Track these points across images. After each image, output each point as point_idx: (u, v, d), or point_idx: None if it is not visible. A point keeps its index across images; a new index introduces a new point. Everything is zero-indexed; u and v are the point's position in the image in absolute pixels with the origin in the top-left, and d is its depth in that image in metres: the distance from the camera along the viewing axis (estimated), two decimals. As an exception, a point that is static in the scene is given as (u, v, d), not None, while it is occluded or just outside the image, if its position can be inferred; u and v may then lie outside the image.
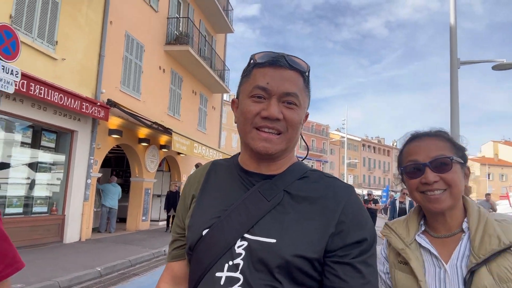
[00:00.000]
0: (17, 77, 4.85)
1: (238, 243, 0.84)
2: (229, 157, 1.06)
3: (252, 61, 0.93)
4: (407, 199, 8.44)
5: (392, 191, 30.61)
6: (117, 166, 14.33)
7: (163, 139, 13.27)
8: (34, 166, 8.17)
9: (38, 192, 8.25)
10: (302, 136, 1.03)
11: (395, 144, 79.09)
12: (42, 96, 6.96)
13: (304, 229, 0.83)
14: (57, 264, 6.53)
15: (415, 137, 1.15)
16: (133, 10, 11.35)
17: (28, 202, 8.04)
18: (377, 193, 41.12)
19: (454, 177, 1.05)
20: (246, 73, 0.94)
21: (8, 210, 7.51)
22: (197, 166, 17.14)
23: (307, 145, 1.06)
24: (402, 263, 1.11)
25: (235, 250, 0.84)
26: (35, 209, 8.13)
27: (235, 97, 0.98)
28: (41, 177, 8.31)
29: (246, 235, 0.84)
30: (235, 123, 0.96)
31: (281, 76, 0.88)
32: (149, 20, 12.39)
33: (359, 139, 65.84)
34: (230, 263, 0.83)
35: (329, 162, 59.52)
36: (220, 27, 18.90)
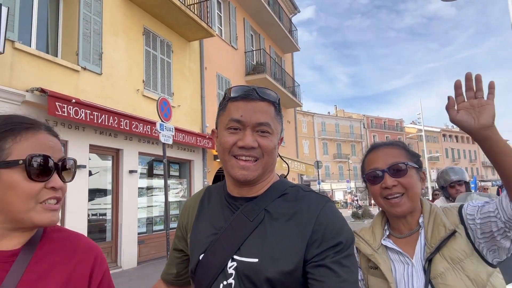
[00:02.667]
0: (172, 132, 6.91)
1: (229, 263, 0.92)
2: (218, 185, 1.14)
3: (226, 95, 1.01)
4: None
5: (481, 181, 29.12)
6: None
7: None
8: (169, 191, 10.49)
9: (173, 211, 10.52)
10: (281, 157, 1.12)
11: (479, 130, 73.40)
12: (176, 138, 9.17)
13: (282, 245, 0.89)
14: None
15: (374, 148, 1.27)
16: (219, 53, 13.50)
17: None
18: (465, 184, 38.94)
19: (410, 181, 1.16)
20: (222, 107, 1.02)
21: (155, 227, 9.83)
22: (280, 177, 18.83)
23: (287, 164, 1.27)
24: (373, 268, 1.17)
25: (227, 271, 0.91)
26: (172, 225, 10.39)
27: (215, 128, 1.07)
28: (172, 199, 10.58)
29: (235, 256, 0.92)
30: (216, 151, 1.45)
31: (253, 108, 0.95)
32: (232, 58, 14.50)
33: (438, 130, 62.63)
34: (225, 282, 0.91)
35: (407, 158, 57.53)
36: (287, 48, 20.61)
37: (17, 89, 6.21)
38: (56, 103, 6.31)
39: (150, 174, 9.91)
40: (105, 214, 8.35)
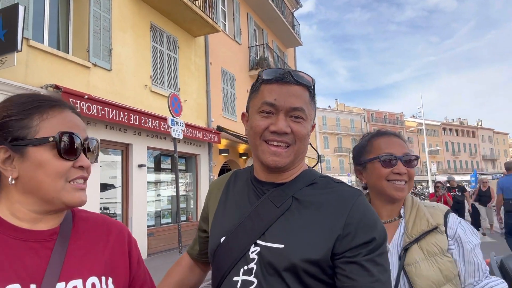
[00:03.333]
0: (183, 127, 7.07)
1: (252, 248, 0.91)
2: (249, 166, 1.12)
3: (259, 77, 0.97)
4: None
5: (482, 174, 29.15)
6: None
7: (241, 148, 15.35)
8: (158, 185, 10.67)
9: (180, 204, 10.70)
10: (312, 146, 1.08)
11: (480, 123, 73.59)
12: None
13: (310, 233, 0.87)
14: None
15: (384, 134, 1.34)
16: (224, 48, 13.60)
17: (174, 213, 10.54)
18: (465, 178, 39.11)
19: (413, 173, 1.27)
20: (255, 89, 0.99)
21: (163, 220, 10.03)
22: (319, 158, 19.00)
23: (318, 153, 1.22)
24: None
25: (249, 256, 0.90)
26: (181, 218, 10.58)
27: (245, 110, 1.03)
28: (182, 193, 10.76)
29: (259, 241, 0.90)
30: (246, 135, 1.02)
31: (288, 91, 0.92)
32: (236, 53, 14.60)
33: (439, 123, 62.79)
34: (245, 267, 0.90)
35: (408, 151, 57.75)
36: (289, 42, 20.68)
37: (32, 85, 6.35)
38: (70, 99, 6.45)
39: (157, 168, 10.09)
40: (115, 208, 8.53)
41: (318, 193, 0.95)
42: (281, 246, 0.87)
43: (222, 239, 0.96)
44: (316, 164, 1.31)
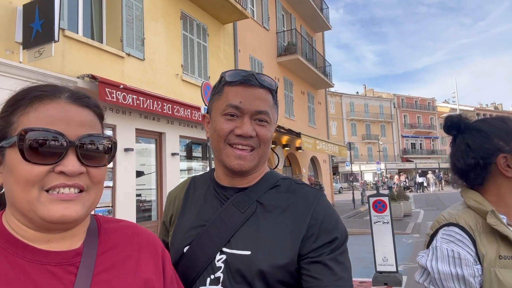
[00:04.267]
0: (216, 115, 7.11)
1: (218, 256, 0.87)
2: (208, 171, 1.09)
3: (222, 79, 0.95)
4: None
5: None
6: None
7: (284, 139, 15.25)
8: (190, 172, 10.76)
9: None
10: (273, 150, 1.06)
11: (517, 108, 70.19)
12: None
13: (276, 238, 0.86)
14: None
15: None
16: (252, 35, 13.45)
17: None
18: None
19: None
20: (217, 91, 0.96)
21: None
22: (311, 160, 18.90)
23: (277, 156, 1.23)
24: (508, 258, 0.96)
25: (215, 264, 0.87)
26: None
27: (206, 112, 1.02)
28: (211, 182, 10.88)
29: (224, 249, 0.87)
30: (207, 138, 1.00)
31: (253, 94, 0.91)
32: (264, 40, 14.42)
33: (472, 109, 60.35)
34: (212, 276, 0.86)
35: (439, 138, 56.02)
36: (318, 26, 20.22)
37: (69, 75, 6.48)
38: (106, 89, 6.55)
39: (189, 156, 10.18)
40: (150, 194, 8.70)
41: (282, 196, 0.94)
42: (248, 253, 0.85)
43: (185, 249, 0.92)
44: (276, 166, 1.22)
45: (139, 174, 8.32)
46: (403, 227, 10.95)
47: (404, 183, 31.55)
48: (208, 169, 10.60)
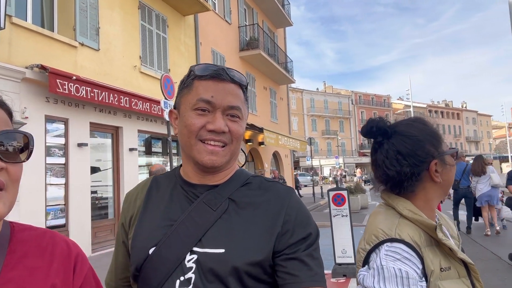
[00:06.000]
0: (176, 109, 6.90)
1: (188, 257, 0.83)
2: (172, 170, 1.05)
3: (192, 72, 0.92)
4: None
5: (466, 155, 29.80)
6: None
7: (247, 134, 15.24)
8: (167, 169, 10.51)
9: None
10: (242, 150, 1.04)
11: (464, 105, 74.81)
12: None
13: (251, 235, 0.85)
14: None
15: None
16: (214, 28, 13.25)
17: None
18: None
19: None
20: (186, 85, 0.92)
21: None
22: (274, 154, 19.06)
23: (245, 154, 1.17)
24: (446, 270, 0.95)
25: (185, 265, 0.83)
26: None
27: (174, 107, 0.98)
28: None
29: (195, 248, 0.84)
30: (175, 134, 0.96)
31: (224, 89, 0.89)
32: (226, 33, 14.26)
33: (425, 105, 63.55)
34: (182, 278, 0.82)
35: (394, 133, 58.52)
36: (280, 22, 20.30)
37: (17, 65, 6.03)
38: (57, 80, 6.18)
39: (148, 151, 9.88)
40: (106, 192, 8.35)
41: (254, 193, 0.93)
42: (222, 250, 0.83)
43: (151, 251, 0.86)
44: (244, 164, 1.20)
45: (94, 170, 7.96)
46: (360, 219, 11.31)
47: (366, 176, 32.78)
48: (168, 164, 10.36)
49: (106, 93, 7.29)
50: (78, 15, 7.38)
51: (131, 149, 8.66)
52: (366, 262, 0.98)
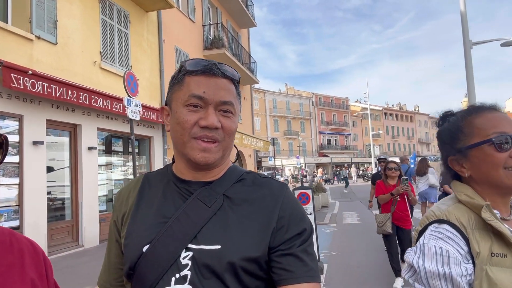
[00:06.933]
0: (140, 108, 6.70)
1: (183, 254, 0.83)
2: (162, 168, 1.03)
3: (183, 68, 0.91)
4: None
5: (419, 156, 31.43)
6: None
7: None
8: (128, 168, 10.22)
9: (132, 189, 10.30)
10: (235, 146, 1.03)
11: (417, 109, 78.82)
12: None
13: (246, 231, 0.84)
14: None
15: (485, 109, 1.03)
16: (177, 26, 13.06)
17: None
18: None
19: None
20: (178, 81, 0.91)
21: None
22: (237, 154, 19.09)
23: (238, 151, 1.40)
24: (500, 256, 0.90)
25: (180, 262, 0.82)
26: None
27: (165, 104, 0.96)
28: (132, 177, 10.34)
29: (190, 245, 0.83)
30: (168, 131, 0.95)
31: (216, 84, 0.88)
32: (190, 31, 14.10)
33: (380, 108, 66.18)
34: (177, 275, 0.81)
35: (352, 135, 60.54)
36: (244, 22, 20.37)
37: (-35, 57, 5.63)
38: (12, 75, 5.84)
39: (108, 150, 9.56)
40: (63, 192, 7.99)
41: (248, 189, 0.93)
42: (218, 247, 0.83)
43: (145, 248, 0.85)
44: (236, 161, 1.20)
45: (51, 169, 7.59)
46: (321, 217, 11.61)
47: (326, 176, 33.77)
48: (130, 164, 10.09)
49: (64, 89, 6.99)
50: (35, 6, 7.01)
51: (90, 148, 8.35)
52: (417, 241, 1.01)
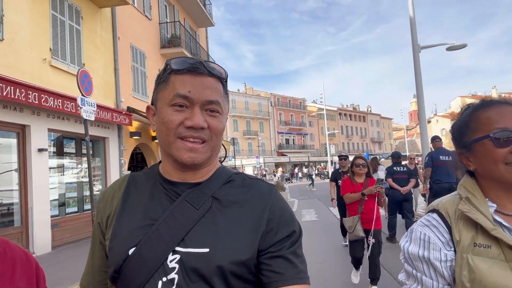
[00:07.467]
0: (95, 108, 6.44)
1: (170, 257, 0.81)
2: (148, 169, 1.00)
3: (168, 66, 0.89)
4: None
5: (371, 155, 32.94)
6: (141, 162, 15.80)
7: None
8: (81, 170, 9.78)
9: (86, 192, 9.87)
10: (223, 145, 1.01)
11: (369, 109, 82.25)
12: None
13: (236, 234, 0.83)
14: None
15: (493, 103, 1.01)
16: (133, 23, 12.69)
17: (80, 201, 9.69)
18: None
19: None
20: (163, 80, 0.89)
21: (69, 210, 9.17)
22: (225, 155, 18.87)
23: (225, 150, 1.14)
24: (483, 247, 0.92)
25: (167, 265, 0.80)
26: (86, 206, 9.78)
27: (151, 104, 0.94)
28: (86, 180, 9.90)
29: (178, 248, 0.81)
30: (153, 131, 0.93)
31: (202, 83, 0.86)
32: (146, 29, 13.75)
33: (335, 109, 68.33)
34: (164, 279, 0.79)
35: (309, 134, 61.97)
36: (201, 22, 20.20)
37: None
38: (-49, 71, 5.40)
39: (60, 152, 9.10)
40: (11, 196, 7.51)
41: (237, 191, 0.91)
42: (206, 250, 0.81)
43: (130, 251, 0.83)
44: (224, 159, 1.19)
45: (-4, 173, 7.10)
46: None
47: (287, 175, 34.35)
48: (83, 167, 9.66)
49: (11, 87, 6.57)
50: (-24, -2, 6.52)
51: (40, 150, 7.91)
52: None
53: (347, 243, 5.86)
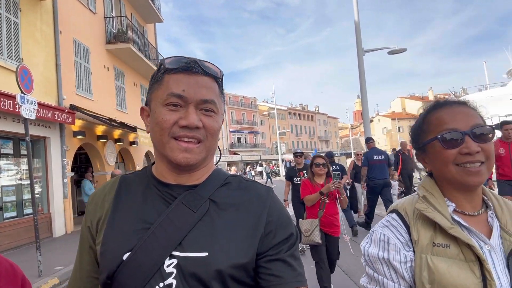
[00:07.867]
0: (35, 106, 6.02)
1: (167, 261, 0.79)
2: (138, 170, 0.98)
3: (162, 66, 0.88)
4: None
5: (319, 153, 34.35)
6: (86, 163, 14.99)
7: (117, 133, 14.33)
8: (19, 172, 9.11)
9: (25, 195, 9.22)
10: (218, 148, 0.98)
11: (317, 109, 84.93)
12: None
13: (234, 237, 0.82)
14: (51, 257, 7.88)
15: (444, 105, 1.00)
16: (76, 16, 12.04)
17: (20, 205, 9.03)
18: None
19: (492, 149, 0.94)
20: (157, 79, 0.88)
21: (7, 215, 8.51)
22: (146, 155, 18.38)
23: (220, 150, 1.07)
24: (442, 246, 0.91)
25: (164, 270, 0.78)
26: (26, 211, 9.14)
27: (145, 104, 0.93)
28: (25, 182, 9.25)
29: (175, 252, 0.79)
30: (148, 132, 0.90)
31: (197, 82, 0.85)
32: (90, 23, 13.10)
33: (285, 108, 69.70)
34: (161, 284, 0.77)
35: (260, 133, 62.64)
36: (150, 17, 19.63)
37: None
38: None
39: (-6, 153, 8.42)
40: None
41: (234, 193, 0.90)
42: (205, 254, 0.79)
43: (125, 256, 0.80)
44: (218, 161, 1.17)
45: None
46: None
47: (239, 174, 34.68)
48: (22, 168, 9.00)
49: None
50: None
51: (-29, 151, 7.26)
52: None
53: (302, 247, 5.78)
